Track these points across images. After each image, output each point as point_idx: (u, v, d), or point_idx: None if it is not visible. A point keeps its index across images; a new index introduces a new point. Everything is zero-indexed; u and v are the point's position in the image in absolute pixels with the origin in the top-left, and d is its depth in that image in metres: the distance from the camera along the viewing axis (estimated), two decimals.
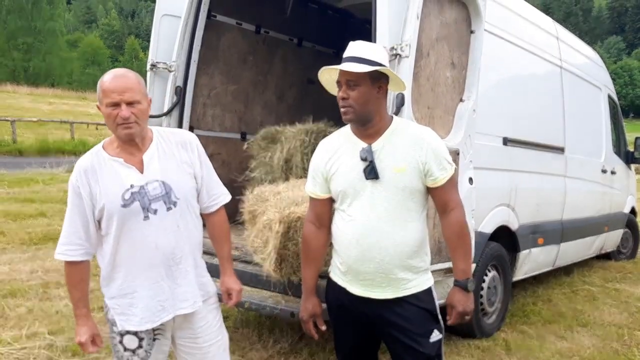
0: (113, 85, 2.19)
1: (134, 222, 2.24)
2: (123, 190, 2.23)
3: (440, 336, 2.44)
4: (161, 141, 2.38)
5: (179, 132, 2.52)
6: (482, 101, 4.01)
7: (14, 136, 19.70)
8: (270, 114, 5.99)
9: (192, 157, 2.42)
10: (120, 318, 2.33)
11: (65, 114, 29.79)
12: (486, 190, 4.28)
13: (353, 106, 2.30)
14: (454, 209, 2.42)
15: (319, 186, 2.49)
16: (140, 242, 2.26)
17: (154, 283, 2.29)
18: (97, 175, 2.25)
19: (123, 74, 2.26)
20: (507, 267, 4.91)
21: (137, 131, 2.24)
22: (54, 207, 9.91)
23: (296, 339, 4.38)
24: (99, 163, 2.28)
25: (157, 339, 2.37)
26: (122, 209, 2.22)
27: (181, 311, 2.36)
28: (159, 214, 2.27)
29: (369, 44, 2.40)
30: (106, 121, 2.24)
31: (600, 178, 6.76)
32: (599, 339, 4.76)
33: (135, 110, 2.20)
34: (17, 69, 57.15)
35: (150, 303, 2.30)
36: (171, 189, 2.30)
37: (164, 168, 2.32)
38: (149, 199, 2.26)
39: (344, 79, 2.31)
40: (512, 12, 4.92)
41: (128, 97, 2.18)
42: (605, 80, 7.24)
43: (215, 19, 5.15)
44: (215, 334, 2.51)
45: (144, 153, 2.31)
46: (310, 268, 2.60)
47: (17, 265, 6.24)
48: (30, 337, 4.28)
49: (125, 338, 2.34)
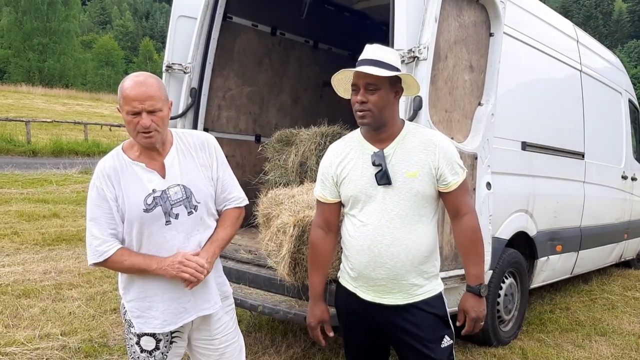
0: (134, 93, 2.14)
1: (155, 227, 2.24)
2: (145, 195, 2.23)
3: (451, 342, 2.40)
4: (180, 144, 2.37)
5: (197, 133, 2.50)
6: (500, 105, 3.96)
7: (28, 137, 19.86)
8: (285, 116, 5.97)
9: (210, 158, 2.41)
10: (138, 321, 2.31)
11: (79, 115, 30.07)
12: (504, 196, 4.21)
13: (372, 110, 2.26)
14: (467, 213, 2.38)
15: (329, 190, 2.46)
16: (161, 247, 2.25)
17: (175, 286, 2.28)
18: (120, 178, 2.24)
19: (143, 81, 2.19)
20: (524, 274, 4.84)
21: (157, 139, 2.23)
22: (67, 208, 9.97)
23: (309, 344, 4.34)
24: (120, 166, 2.26)
25: (174, 342, 2.37)
26: (144, 214, 2.21)
27: (203, 312, 2.36)
28: (181, 218, 2.27)
29: (385, 48, 2.37)
30: (127, 127, 2.23)
31: (620, 184, 6.66)
32: (618, 348, 4.67)
33: (156, 119, 2.18)
34: (32, 70, 57.75)
35: (172, 305, 2.29)
36: (192, 193, 2.30)
37: (185, 172, 2.32)
38: (170, 203, 2.25)
39: (363, 83, 2.25)
40: (532, 14, 4.86)
41: (149, 105, 2.15)
42: (625, 85, 7.14)
43: (231, 21, 5.13)
44: (231, 335, 2.50)
45: (165, 157, 2.31)
46: (318, 273, 2.55)
47: (31, 265, 6.26)
48: (44, 337, 4.28)
49: (142, 339, 2.34)
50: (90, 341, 4.23)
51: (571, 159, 5.47)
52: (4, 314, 4.71)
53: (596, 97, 6.06)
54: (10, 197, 10.59)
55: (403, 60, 3.25)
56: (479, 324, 2.43)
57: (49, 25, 58.23)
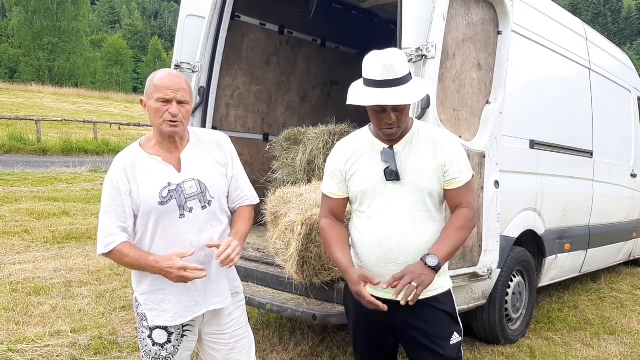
0: (169, 82, 2.24)
1: (170, 220, 2.28)
2: (161, 188, 2.27)
3: (460, 339, 2.41)
4: (197, 141, 2.42)
5: (213, 132, 2.56)
6: (509, 103, 3.95)
7: (38, 135, 19.98)
8: (293, 115, 5.98)
9: (225, 157, 2.47)
10: (151, 314, 2.35)
11: (89, 113, 30.20)
12: (512, 194, 4.20)
13: (400, 126, 2.28)
14: (466, 208, 2.35)
15: (338, 186, 2.45)
16: (175, 240, 2.29)
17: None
18: (136, 172, 2.28)
19: (178, 74, 2.32)
20: (532, 273, 4.83)
21: (181, 130, 2.30)
22: (76, 206, 10.04)
23: (317, 342, 4.36)
24: (137, 160, 2.31)
25: (185, 335, 2.41)
26: (159, 207, 2.26)
27: (213, 306, 2.40)
28: (194, 212, 2.31)
29: (396, 57, 2.20)
30: (152, 115, 2.27)
31: (629, 183, 6.61)
32: (627, 347, 4.65)
33: (183, 110, 2.26)
34: (42, 69, 58.07)
35: (184, 299, 2.33)
36: (206, 188, 2.35)
37: (200, 167, 2.37)
38: (185, 197, 2.30)
39: (391, 106, 2.20)
40: (540, 12, 4.83)
41: (180, 95, 2.24)
42: (635, 83, 7.09)
43: (239, 20, 5.15)
44: (242, 331, 2.54)
45: (182, 152, 2.36)
46: (339, 249, 2.39)
47: (41, 263, 6.31)
48: (54, 335, 4.32)
49: (154, 333, 2.37)
50: (100, 338, 4.27)
51: (580, 157, 5.45)
52: (15, 312, 4.75)
53: (605, 95, 6.03)
54: (20, 196, 10.67)
55: (411, 58, 3.25)
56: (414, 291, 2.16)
57: (58, 24, 58.50)
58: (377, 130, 2.34)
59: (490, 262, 3.74)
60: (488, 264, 3.73)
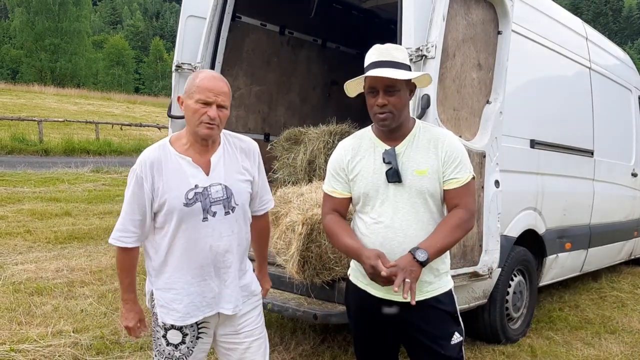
0: (211, 85, 2.24)
1: (192, 222, 2.27)
2: (187, 190, 2.26)
3: (461, 338, 2.41)
4: (227, 145, 2.42)
5: (244, 138, 2.54)
6: (509, 103, 3.95)
7: (40, 136, 20.01)
8: (294, 115, 5.99)
9: (253, 164, 2.47)
10: (161, 311, 2.35)
11: (91, 114, 30.20)
12: (512, 194, 4.21)
13: (393, 112, 2.26)
14: (462, 208, 2.31)
15: (341, 184, 2.44)
16: (195, 242, 2.29)
17: (202, 281, 2.33)
18: (162, 169, 2.27)
19: (220, 77, 2.32)
20: (533, 272, 4.83)
21: (216, 133, 2.30)
22: (78, 206, 10.06)
23: (318, 341, 4.36)
24: (165, 157, 2.30)
25: (200, 337, 2.40)
26: (184, 208, 2.25)
27: (223, 310, 2.39)
28: (217, 217, 2.31)
29: (395, 46, 2.35)
30: (190, 115, 2.27)
31: (630, 182, 6.62)
32: (628, 346, 4.66)
33: (221, 114, 2.27)
34: (44, 70, 58.14)
35: (197, 299, 2.33)
36: (232, 194, 2.34)
37: (228, 172, 2.36)
38: (210, 201, 2.29)
39: (382, 85, 2.24)
40: (540, 12, 4.84)
41: (221, 100, 2.25)
42: (635, 82, 7.09)
43: (239, 20, 5.16)
44: (258, 330, 2.52)
45: (212, 155, 2.35)
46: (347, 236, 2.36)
47: (43, 263, 6.32)
48: (56, 335, 4.33)
49: (169, 332, 2.36)
50: (102, 338, 4.28)
51: (580, 156, 5.45)
52: (17, 312, 4.76)
53: (605, 94, 6.03)
54: (22, 196, 10.69)
55: (411, 58, 3.25)
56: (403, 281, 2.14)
57: (60, 25, 58.55)
58: (373, 120, 2.33)
59: (490, 261, 3.75)
60: (489, 264, 3.73)
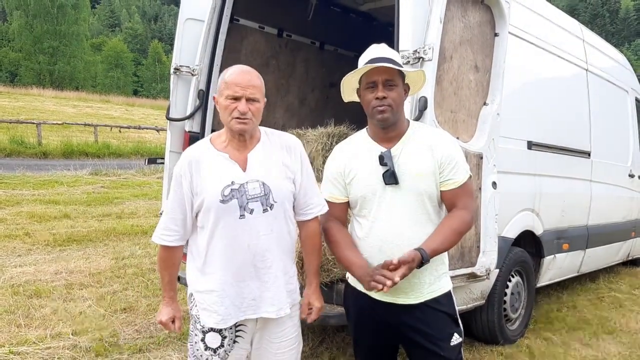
0: (239, 79, 2.22)
1: (229, 220, 2.23)
2: (223, 186, 2.23)
3: (460, 340, 2.42)
4: (267, 142, 2.38)
5: (285, 135, 2.49)
6: (506, 104, 3.97)
7: (39, 139, 19.99)
8: (292, 117, 6.00)
9: (295, 161, 2.39)
10: (203, 314, 2.31)
11: (89, 117, 30.19)
12: (510, 195, 4.22)
13: (392, 105, 2.28)
14: (464, 209, 2.33)
15: (339, 189, 2.46)
16: (232, 240, 2.25)
17: (241, 281, 2.28)
18: (200, 167, 2.26)
19: (249, 70, 2.29)
20: (531, 273, 4.84)
21: (250, 128, 2.26)
22: (77, 209, 10.05)
23: (317, 342, 4.37)
24: (204, 155, 2.29)
25: (237, 342, 2.34)
26: (220, 205, 2.22)
27: (266, 314, 2.32)
28: (255, 214, 2.25)
29: (390, 48, 2.40)
30: (222, 112, 2.27)
31: (627, 183, 6.63)
32: (626, 346, 4.67)
33: (253, 108, 2.24)
34: (42, 73, 58.09)
35: (237, 300, 2.28)
36: (270, 191, 2.28)
37: (266, 169, 2.31)
38: (247, 197, 2.24)
39: (382, 79, 2.27)
40: (537, 14, 4.86)
41: (250, 93, 2.22)
42: (632, 83, 7.11)
43: (237, 23, 5.17)
44: (291, 342, 2.45)
45: (250, 151, 2.32)
46: (348, 249, 2.40)
47: (42, 266, 6.33)
48: (55, 337, 4.33)
49: (208, 336, 2.31)
50: (101, 340, 4.28)
51: (577, 157, 5.46)
52: (16, 314, 4.77)
53: (602, 95, 6.05)
54: (21, 199, 10.69)
55: (408, 60, 3.28)
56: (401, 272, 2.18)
57: (59, 28, 58.53)
58: (371, 116, 2.34)
59: (488, 262, 3.75)
60: (486, 265, 3.74)
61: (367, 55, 2.35)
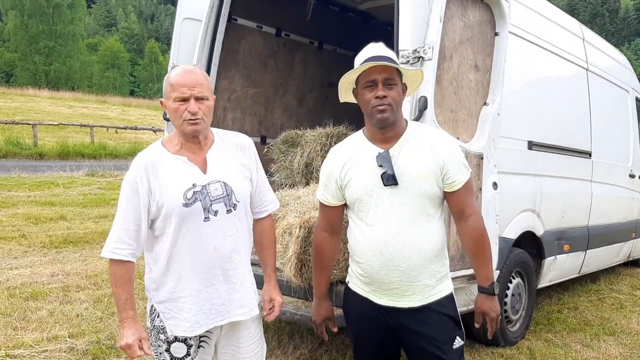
0: (184, 79, 2.15)
1: (193, 223, 2.18)
2: (185, 189, 2.18)
3: (462, 343, 2.40)
4: (222, 142, 2.34)
5: (237, 135, 2.47)
6: (506, 104, 3.94)
7: (35, 139, 19.95)
8: (291, 117, 5.96)
9: (250, 160, 2.39)
10: (170, 323, 2.24)
11: (85, 117, 30.15)
12: (510, 196, 4.20)
13: (392, 105, 2.24)
14: (471, 215, 2.36)
15: (332, 194, 2.43)
16: (198, 244, 2.19)
17: (210, 286, 2.23)
18: (158, 171, 2.18)
19: (193, 69, 2.22)
20: (531, 274, 4.82)
21: (203, 128, 2.20)
22: (74, 210, 10.01)
23: (316, 345, 4.34)
24: (159, 159, 2.21)
25: (201, 347, 2.29)
26: (183, 209, 2.16)
27: (237, 317, 2.29)
28: (219, 215, 2.22)
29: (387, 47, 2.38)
30: (172, 116, 2.20)
31: (627, 183, 6.62)
32: (627, 348, 4.64)
33: (203, 107, 2.17)
34: (38, 73, 57.99)
35: (205, 306, 2.22)
36: (232, 191, 2.26)
37: (226, 169, 2.28)
38: (210, 199, 2.20)
39: (382, 78, 2.23)
40: (537, 13, 4.83)
41: (198, 91, 2.15)
42: (632, 83, 7.09)
43: (235, 22, 5.13)
44: (256, 344, 2.43)
45: (207, 152, 2.27)
46: (323, 275, 2.57)
47: (38, 268, 6.28)
48: (51, 340, 4.29)
49: (173, 346, 2.25)
50: (98, 343, 4.24)
51: (578, 158, 5.45)
52: (12, 317, 4.73)
53: (603, 95, 6.03)
54: (17, 200, 10.65)
55: (408, 60, 3.25)
56: (499, 320, 2.46)
57: (54, 28, 58.46)
58: (370, 116, 2.30)
59: None
60: None
61: (364, 54, 2.32)
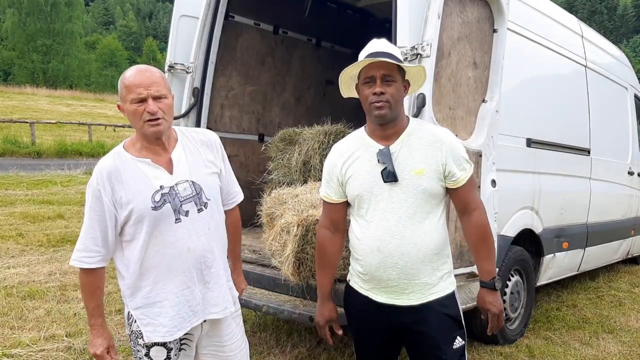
0: (138, 80, 2.07)
1: (164, 226, 2.13)
2: (153, 192, 2.12)
3: (463, 342, 2.37)
4: (185, 140, 2.28)
5: (201, 131, 2.43)
6: (505, 102, 3.92)
7: (32, 138, 19.93)
8: (289, 115, 5.95)
9: (217, 156, 2.35)
10: (147, 329, 2.18)
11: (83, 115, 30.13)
12: (509, 193, 4.18)
13: (390, 101, 2.22)
14: (475, 209, 2.36)
15: (334, 191, 2.42)
16: (171, 246, 2.14)
17: (186, 289, 2.19)
18: (122, 177, 2.11)
19: (147, 68, 2.14)
20: (530, 272, 4.81)
21: (164, 127, 2.13)
22: (71, 209, 9.99)
23: (314, 343, 4.32)
24: (122, 165, 2.13)
25: (183, 349, 2.26)
26: (153, 212, 2.10)
27: (211, 316, 2.26)
28: (191, 215, 2.17)
29: (390, 43, 2.36)
30: (131, 119, 2.12)
31: (626, 180, 6.60)
32: (626, 345, 4.63)
33: (162, 105, 2.10)
34: (36, 71, 57.95)
35: (182, 310, 2.18)
36: (201, 190, 2.21)
37: (193, 168, 2.23)
38: (179, 200, 2.15)
39: (380, 74, 2.21)
40: (536, 10, 4.82)
41: (155, 90, 2.08)
42: (631, 80, 7.08)
43: (233, 20, 5.11)
44: (239, 342, 2.41)
45: (171, 152, 2.21)
46: (326, 274, 2.54)
47: (36, 267, 6.26)
48: (49, 339, 4.28)
49: (152, 350, 2.20)
50: None
51: (577, 155, 5.43)
52: (10, 316, 4.71)
53: (601, 92, 6.02)
54: (15, 199, 10.62)
55: (406, 57, 3.23)
56: (502, 318, 2.43)
57: (52, 26, 58.41)
58: (369, 112, 2.29)
59: None
60: None
61: (366, 50, 2.30)
